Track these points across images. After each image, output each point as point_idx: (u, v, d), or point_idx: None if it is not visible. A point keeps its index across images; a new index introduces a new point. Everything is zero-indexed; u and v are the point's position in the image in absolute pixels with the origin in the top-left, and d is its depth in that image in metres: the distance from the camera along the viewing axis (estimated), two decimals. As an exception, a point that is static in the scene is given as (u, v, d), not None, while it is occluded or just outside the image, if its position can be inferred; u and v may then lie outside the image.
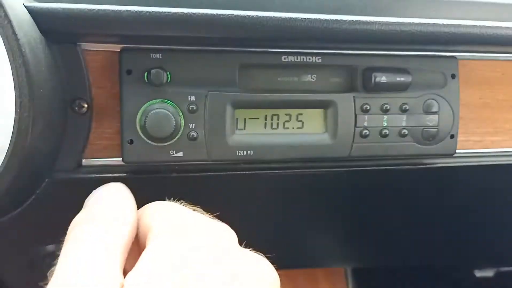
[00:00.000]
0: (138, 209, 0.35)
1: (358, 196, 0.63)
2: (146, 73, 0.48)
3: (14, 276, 0.61)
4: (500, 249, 0.81)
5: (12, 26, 0.36)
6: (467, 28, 0.51)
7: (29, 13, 0.41)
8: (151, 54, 0.48)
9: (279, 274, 0.32)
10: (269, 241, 0.69)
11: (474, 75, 0.59)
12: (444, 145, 0.56)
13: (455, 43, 0.52)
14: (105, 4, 0.44)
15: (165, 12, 0.44)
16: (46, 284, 0.27)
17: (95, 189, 0.50)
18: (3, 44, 0.37)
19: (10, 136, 0.38)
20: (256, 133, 0.52)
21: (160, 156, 0.50)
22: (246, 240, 0.69)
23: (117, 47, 0.48)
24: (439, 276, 0.95)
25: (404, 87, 0.54)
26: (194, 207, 0.35)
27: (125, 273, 0.29)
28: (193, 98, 0.49)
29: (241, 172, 0.53)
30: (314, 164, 0.55)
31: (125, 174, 0.51)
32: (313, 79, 0.53)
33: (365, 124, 0.53)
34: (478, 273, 0.95)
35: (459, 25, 0.51)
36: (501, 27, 0.52)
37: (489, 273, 0.95)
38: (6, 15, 0.36)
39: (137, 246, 0.33)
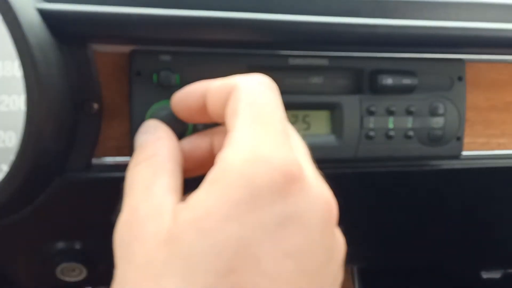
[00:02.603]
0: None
1: (363, 197, 0.63)
2: (155, 75, 0.48)
3: (24, 273, 0.62)
4: (507, 251, 0.81)
5: (22, 28, 0.36)
6: (474, 30, 0.51)
7: (40, 15, 0.42)
8: (161, 56, 0.49)
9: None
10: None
11: (481, 77, 0.59)
12: (450, 147, 0.56)
13: (462, 46, 0.52)
14: (115, 6, 0.45)
15: (175, 15, 0.45)
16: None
17: (104, 188, 0.51)
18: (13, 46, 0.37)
19: (20, 136, 0.39)
20: (263, 134, 0.53)
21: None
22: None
23: (127, 49, 0.49)
24: (445, 277, 0.95)
25: (410, 89, 0.54)
26: None
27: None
28: None
29: (248, 173, 0.54)
30: (320, 165, 0.55)
31: (133, 174, 0.51)
32: (320, 81, 0.54)
33: (371, 126, 0.54)
34: (485, 275, 0.95)
35: (466, 28, 0.51)
36: (509, 29, 0.52)
37: (496, 274, 0.95)
38: (15, 17, 0.36)
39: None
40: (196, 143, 0.40)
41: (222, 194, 0.27)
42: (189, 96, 0.39)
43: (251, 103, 0.32)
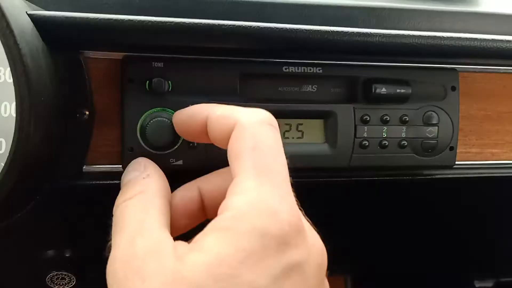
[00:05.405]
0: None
1: (357, 206, 0.63)
2: (147, 82, 0.48)
3: (14, 281, 0.61)
4: (499, 260, 0.81)
5: (14, 36, 0.36)
6: (468, 41, 0.51)
7: (32, 22, 0.41)
8: (153, 63, 0.48)
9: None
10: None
11: (475, 87, 0.59)
12: (444, 157, 0.56)
13: (456, 56, 0.52)
14: (108, 13, 0.45)
15: (167, 22, 0.44)
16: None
17: (95, 195, 0.51)
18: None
19: (11, 143, 0.39)
20: (256, 142, 0.52)
21: (160, 164, 0.50)
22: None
23: (119, 56, 0.49)
24: (438, 286, 0.94)
25: (404, 98, 0.54)
26: None
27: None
28: None
29: (241, 181, 0.53)
30: (313, 173, 0.55)
31: (125, 181, 0.51)
32: (314, 89, 0.54)
33: (365, 135, 0.53)
34: (478, 284, 0.95)
35: (459, 38, 0.51)
36: (501, 40, 0.52)
37: (488, 283, 0.95)
38: (8, 25, 0.36)
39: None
40: (184, 195, 0.41)
41: (234, 243, 0.29)
42: (191, 119, 0.40)
43: (254, 147, 0.33)
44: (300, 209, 0.34)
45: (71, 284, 0.58)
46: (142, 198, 0.35)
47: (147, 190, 0.36)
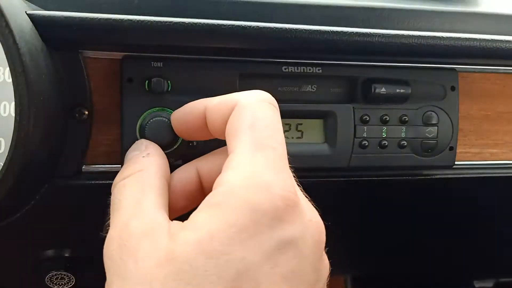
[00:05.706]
0: None
1: (356, 206, 0.63)
2: (147, 82, 0.48)
3: (13, 280, 0.61)
4: (499, 260, 0.81)
5: (13, 35, 0.36)
6: (467, 41, 0.51)
7: (31, 21, 0.41)
8: (152, 62, 0.48)
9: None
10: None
11: (474, 87, 0.59)
12: (443, 157, 0.56)
13: (455, 56, 0.52)
14: (107, 13, 0.45)
15: (166, 21, 0.45)
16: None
17: (94, 195, 0.51)
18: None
19: (10, 143, 0.39)
20: (255, 142, 0.52)
21: (160, 164, 0.50)
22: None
23: (118, 55, 0.49)
24: (438, 286, 0.94)
25: (404, 98, 0.54)
26: None
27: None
28: None
29: (240, 181, 0.53)
30: (313, 173, 0.55)
31: (124, 181, 0.51)
32: (313, 89, 0.54)
33: (364, 135, 0.53)
34: (478, 284, 0.95)
35: (459, 38, 0.51)
36: (501, 40, 0.52)
37: (488, 284, 0.95)
38: (7, 24, 0.36)
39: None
40: (183, 176, 0.40)
41: (225, 218, 0.28)
42: (189, 115, 0.40)
43: (252, 125, 0.33)
44: (298, 185, 0.34)
45: (71, 284, 0.58)
46: (140, 177, 0.35)
47: (146, 168, 0.36)
